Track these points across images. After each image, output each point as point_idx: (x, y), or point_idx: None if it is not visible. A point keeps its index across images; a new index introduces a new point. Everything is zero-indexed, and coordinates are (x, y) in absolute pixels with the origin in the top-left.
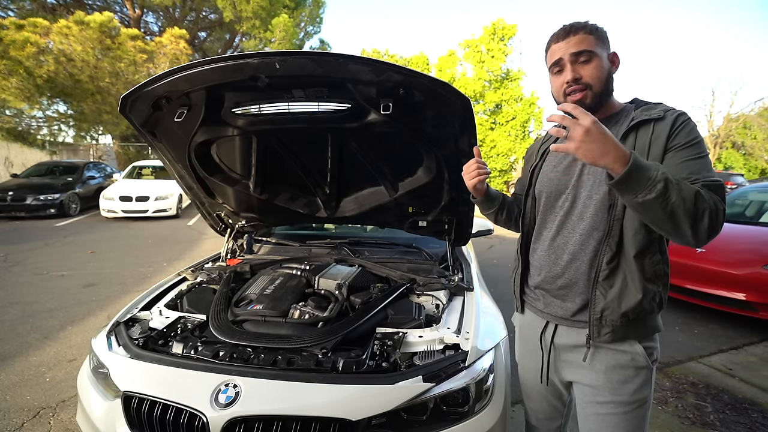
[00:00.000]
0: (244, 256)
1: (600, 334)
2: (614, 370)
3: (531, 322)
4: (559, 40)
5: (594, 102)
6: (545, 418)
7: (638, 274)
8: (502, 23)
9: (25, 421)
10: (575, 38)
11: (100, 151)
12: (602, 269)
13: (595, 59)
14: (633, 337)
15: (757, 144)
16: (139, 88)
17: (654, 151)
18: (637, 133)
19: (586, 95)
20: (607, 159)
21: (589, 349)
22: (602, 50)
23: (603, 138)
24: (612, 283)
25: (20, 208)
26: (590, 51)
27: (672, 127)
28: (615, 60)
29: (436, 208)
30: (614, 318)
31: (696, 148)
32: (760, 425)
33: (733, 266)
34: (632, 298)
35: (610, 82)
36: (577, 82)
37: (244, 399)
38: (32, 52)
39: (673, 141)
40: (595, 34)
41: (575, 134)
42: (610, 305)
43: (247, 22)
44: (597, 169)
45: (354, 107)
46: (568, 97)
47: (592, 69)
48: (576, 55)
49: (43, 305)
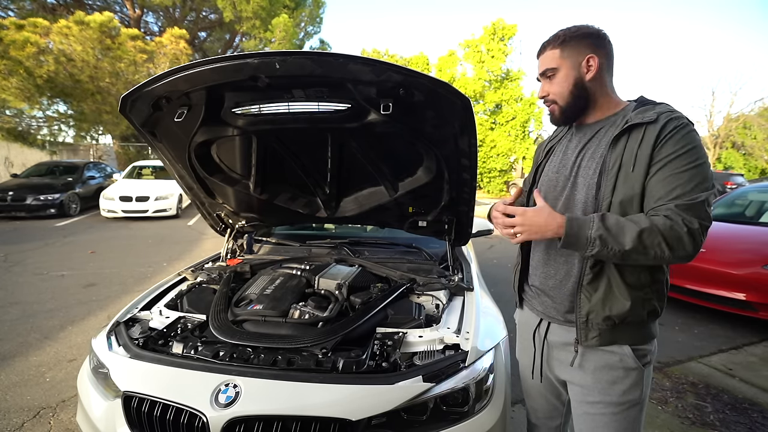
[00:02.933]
0: (244, 256)
1: (587, 337)
2: (602, 370)
3: (527, 318)
4: (538, 57)
5: (562, 115)
6: (544, 416)
7: (620, 280)
8: (502, 23)
9: (26, 421)
10: (543, 57)
11: (100, 151)
12: (586, 273)
13: (558, 74)
14: (623, 341)
15: (757, 144)
16: (139, 88)
17: (640, 158)
18: (629, 136)
19: (553, 109)
20: (549, 233)
21: (578, 353)
22: (570, 60)
23: (537, 220)
24: (596, 287)
25: (20, 208)
26: (553, 68)
27: (659, 137)
28: (591, 65)
29: (436, 208)
30: (599, 321)
31: (684, 158)
32: (760, 425)
33: (733, 266)
34: (619, 305)
35: (581, 90)
36: (545, 99)
37: (244, 399)
38: (32, 52)
39: (660, 152)
40: (561, 46)
41: (517, 230)
42: (594, 309)
43: (247, 22)
44: (588, 172)
45: (354, 107)
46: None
47: (555, 85)
48: (543, 74)
49: (43, 305)
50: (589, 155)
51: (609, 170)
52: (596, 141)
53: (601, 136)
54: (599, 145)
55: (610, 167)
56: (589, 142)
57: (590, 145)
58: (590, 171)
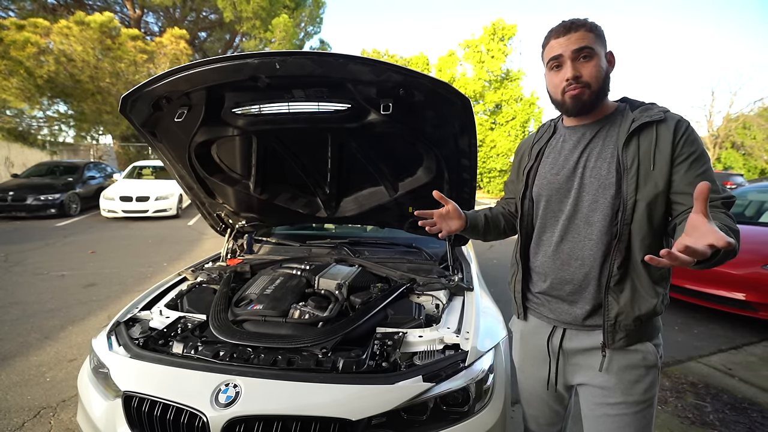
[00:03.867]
0: (244, 256)
1: (615, 340)
2: (626, 370)
3: (535, 328)
4: (560, 36)
5: (591, 100)
6: (546, 423)
7: (647, 278)
8: (502, 23)
9: (26, 421)
10: (576, 35)
11: (100, 151)
12: (613, 274)
13: (595, 57)
14: (645, 338)
15: (757, 144)
16: (139, 88)
17: (660, 156)
18: (640, 136)
19: (584, 92)
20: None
21: (605, 356)
22: (601, 48)
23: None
24: (623, 287)
25: (21, 208)
26: (591, 48)
27: (676, 135)
28: (611, 59)
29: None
30: (628, 323)
31: (702, 158)
32: (760, 425)
33: (733, 266)
34: (646, 303)
35: (607, 81)
36: (577, 80)
37: (244, 399)
38: (33, 53)
39: (681, 151)
40: (594, 31)
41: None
42: (623, 310)
43: (247, 22)
44: (600, 173)
45: (354, 107)
46: (566, 94)
47: (592, 67)
48: (577, 52)
49: (44, 305)
50: (595, 155)
51: (629, 170)
52: (600, 141)
53: (604, 135)
54: (605, 145)
55: (629, 166)
56: (591, 142)
57: (594, 145)
58: (603, 171)
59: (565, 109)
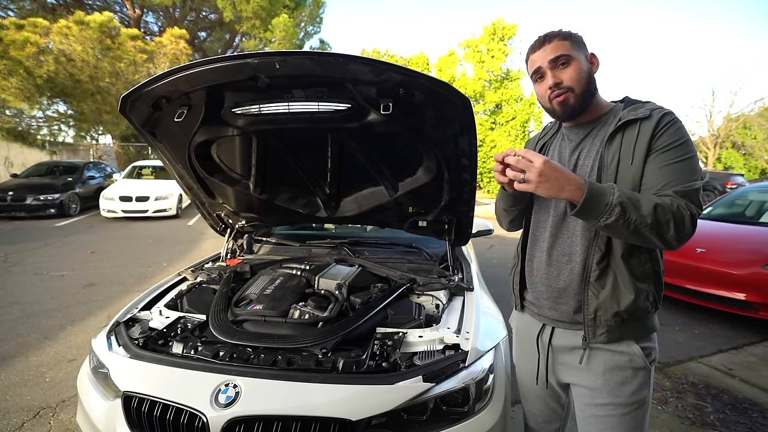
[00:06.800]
0: (244, 256)
1: (595, 334)
2: (612, 371)
3: (528, 324)
4: (536, 50)
5: (578, 102)
6: (543, 420)
7: (627, 273)
8: (502, 23)
9: (25, 421)
10: (551, 45)
11: (100, 151)
12: (593, 269)
13: (572, 62)
14: (629, 337)
15: (757, 144)
16: (139, 88)
17: (638, 150)
18: (624, 132)
19: (568, 97)
20: (565, 192)
21: (585, 351)
22: (579, 53)
23: (556, 174)
24: (603, 283)
25: (20, 208)
26: (566, 55)
27: (656, 127)
28: (594, 61)
29: (436, 208)
30: (608, 318)
31: (679, 149)
32: (760, 425)
33: (733, 266)
34: (625, 299)
35: (591, 82)
36: (558, 87)
37: (244, 399)
38: (32, 52)
39: (657, 141)
40: (570, 39)
41: (531, 176)
42: (602, 305)
43: (247, 22)
44: (585, 170)
45: (354, 107)
46: (553, 101)
47: (572, 71)
48: (554, 61)
49: (43, 305)
50: (584, 154)
51: (608, 165)
52: (590, 140)
53: (595, 134)
54: (593, 143)
55: (608, 162)
56: (582, 142)
57: (584, 144)
58: (587, 168)
59: (557, 116)
